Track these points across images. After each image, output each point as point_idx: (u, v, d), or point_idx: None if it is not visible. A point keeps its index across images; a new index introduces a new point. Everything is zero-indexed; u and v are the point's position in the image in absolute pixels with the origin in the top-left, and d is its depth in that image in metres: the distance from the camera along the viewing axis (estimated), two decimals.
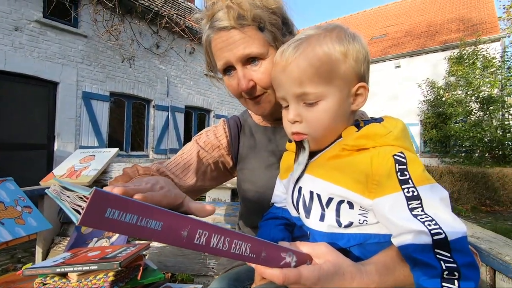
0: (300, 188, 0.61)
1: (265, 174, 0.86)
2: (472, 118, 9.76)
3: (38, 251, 1.32)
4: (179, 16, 8.10)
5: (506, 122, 9.31)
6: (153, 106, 7.62)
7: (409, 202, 0.48)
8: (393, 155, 0.51)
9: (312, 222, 0.58)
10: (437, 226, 0.45)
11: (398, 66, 12.37)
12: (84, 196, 0.33)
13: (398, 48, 12.92)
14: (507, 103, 9.33)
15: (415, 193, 0.48)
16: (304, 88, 0.55)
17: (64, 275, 0.77)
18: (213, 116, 9.36)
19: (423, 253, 0.45)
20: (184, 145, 0.96)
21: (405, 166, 0.50)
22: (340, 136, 0.60)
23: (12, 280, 0.92)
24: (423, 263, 0.45)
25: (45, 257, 1.31)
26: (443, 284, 0.43)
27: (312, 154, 0.61)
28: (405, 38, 13.51)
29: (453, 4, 14.12)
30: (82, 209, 0.30)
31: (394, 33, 14.35)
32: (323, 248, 0.49)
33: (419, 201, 0.47)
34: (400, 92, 11.95)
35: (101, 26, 6.22)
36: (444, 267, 0.43)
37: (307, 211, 0.59)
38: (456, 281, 0.43)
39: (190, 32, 7.46)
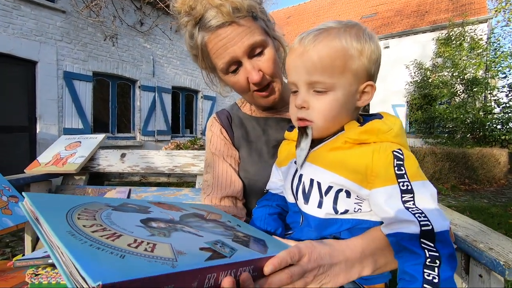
0: (300, 176, 0.64)
1: (257, 163, 0.87)
2: (456, 100, 9.96)
3: (28, 239, 1.31)
4: None
5: (488, 104, 9.56)
6: (139, 87, 7.40)
7: (403, 195, 0.52)
8: (393, 151, 0.55)
9: (310, 208, 0.62)
10: (426, 219, 0.49)
11: (387, 47, 12.34)
12: (84, 279, 0.28)
13: (388, 28, 12.81)
14: (490, 85, 9.54)
15: (409, 187, 0.52)
16: (317, 77, 0.58)
17: None
18: (201, 97, 9.19)
19: (410, 242, 0.49)
20: (171, 127, 0.93)
21: (402, 162, 0.54)
22: (342, 129, 0.62)
23: (1, 269, 0.92)
24: (409, 250, 0.49)
25: (34, 244, 1.31)
26: (425, 270, 0.47)
27: (313, 144, 0.64)
28: (395, 17, 13.38)
29: None
30: None
31: (384, 12, 14.17)
32: (307, 242, 0.52)
33: (412, 195, 0.52)
34: (388, 73, 11.98)
35: (80, 1, 5.86)
36: (427, 255, 0.47)
37: (306, 198, 0.62)
38: (436, 268, 0.46)
39: None
